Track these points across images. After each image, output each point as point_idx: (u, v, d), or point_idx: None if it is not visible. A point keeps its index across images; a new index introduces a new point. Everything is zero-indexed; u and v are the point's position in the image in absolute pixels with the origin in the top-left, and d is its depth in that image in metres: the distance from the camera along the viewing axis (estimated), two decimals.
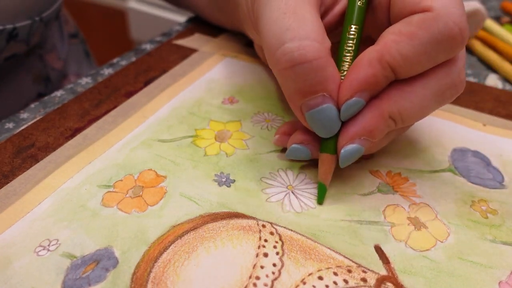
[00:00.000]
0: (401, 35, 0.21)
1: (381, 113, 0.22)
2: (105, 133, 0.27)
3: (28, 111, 0.30)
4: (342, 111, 0.22)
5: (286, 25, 0.21)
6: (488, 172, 0.26)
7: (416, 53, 0.20)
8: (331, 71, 0.21)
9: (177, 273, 0.20)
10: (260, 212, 0.23)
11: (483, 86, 0.34)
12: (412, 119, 0.22)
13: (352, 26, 0.23)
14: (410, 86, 0.22)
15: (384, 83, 0.21)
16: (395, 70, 0.21)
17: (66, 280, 0.19)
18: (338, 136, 0.23)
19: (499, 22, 0.44)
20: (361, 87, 0.21)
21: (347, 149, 0.22)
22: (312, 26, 0.21)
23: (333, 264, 0.21)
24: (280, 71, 0.21)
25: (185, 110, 0.29)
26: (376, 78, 0.21)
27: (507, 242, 0.22)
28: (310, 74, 0.21)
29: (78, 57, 0.49)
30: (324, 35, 0.21)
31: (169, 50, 0.36)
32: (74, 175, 0.24)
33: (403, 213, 0.23)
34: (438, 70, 0.22)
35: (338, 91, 0.22)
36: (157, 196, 0.23)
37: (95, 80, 0.33)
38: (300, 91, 0.21)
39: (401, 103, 0.22)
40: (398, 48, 0.20)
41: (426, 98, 0.22)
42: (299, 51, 0.20)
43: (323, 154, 0.23)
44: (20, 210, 0.22)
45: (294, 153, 0.24)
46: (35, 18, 0.34)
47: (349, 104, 0.21)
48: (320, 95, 0.21)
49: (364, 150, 0.22)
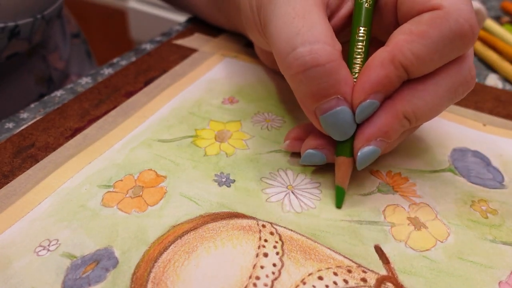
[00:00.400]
0: (412, 34, 0.21)
1: (396, 113, 0.22)
2: (105, 133, 0.27)
3: (28, 111, 0.30)
4: (357, 113, 0.22)
5: (296, 30, 0.21)
6: (488, 172, 0.26)
7: (429, 52, 0.20)
8: (343, 73, 0.21)
9: (177, 273, 0.20)
10: (260, 212, 0.23)
11: (483, 86, 0.34)
12: (426, 118, 0.22)
13: (360, 28, 0.23)
14: (422, 85, 0.22)
15: (397, 83, 0.21)
16: (408, 70, 0.21)
17: (66, 280, 0.19)
18: (353, 138, 0.22)
19: (499, 22, 0.44)
20: (375, 88, 0.21)
21: (364, 151, 0.22)
22: (322, 30, 0.21)
23: (333, 264, 0.21)
24: (292, 76, 0.21)
25: (185, 110, 0.30)
26: (390, 79, 0.21)
27: (507, 242, 0.22)
28: (323, 77, 0.21)
29: (80, 58, 0.49)
30: (334, 38, 0.21)
31: (169, 50, 0.36)
32: (74, 175, 0.24)
33: (403, 213, 0.23)
34: (450, 67, 0.22)
35: (351, 94, 0.22)
36: (157, 196, 0.23)
37: (95, 80, 0.33)
38: (314, 95, 0.21)
39: (415, 102, 0.22)
40: (410, 47, 0.20)
41: (439, 96, 0.22)
42: (311, 55, 0.20)
43: (339, 158, 0.23)
44: (20, 210, 0.22)
45: (309, 159, 0.24)
46: (37, 16, 0.34)
47: (364, 106, 0.21)
48: (334, 98, 0.21)
49: (380, 151, 0.22)
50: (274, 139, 0.27)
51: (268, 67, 0.34)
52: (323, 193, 0.24)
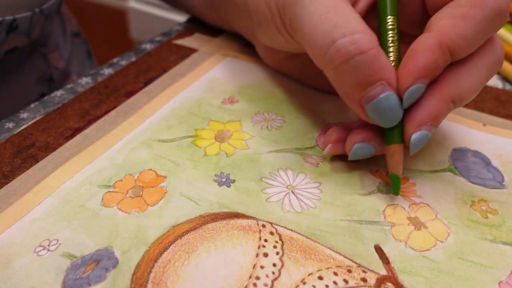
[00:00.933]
0: (455, 17, 0.21)
1: (444, 97, 0.22)
2: (105, 133, 0.27)
3: (28, 111, 0.30)
4: (405, 98, 0.22)
5: (332, 23, 0.22)
6: (488, 172, 0.26)
7: (474, 32, 0.21)
8: (385, 60, 0.22)
9: (177, 273, 0.20)
10: (260, 212, 0.23)
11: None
12: (469, 99, 0.23)
13: (389, 16, 0.24)
14: (465, 67, 0.22)
15: (443, 67, 0.22)
16: (454, 53, 0.22)
17: (66, 280, 0.19)
18: (401, 125, 0.23)
19: None
20: (422, 73, 0.22)
21: (417, 136, 0.22)
22: (357, 20, 0.22)
23: (333, 264, 0.21)
24: (335, 67, 0.22)
25: (185, 110, 0.30)
26: (437, 64, 0.22)
27: (507, 242, 0.22)
28: (367, 64, 0.21)
29: (80, 57, 0.49)
30: (368, 27, 0.22)
31: (169, 50, 0.36)
32: (74, 175, 0.24)
33: (403, 213, 0.23)
34: (486, 47, 0.23)
35: (395, 79, 0.22)
36: (157, 196, 0.23)
37: (95, 80, 0.33)
38: (359, 84, 0.22)
39: (460, 84, 0.22)
40: (456, 31, 0.21)
41: (480, 76, 0.23)
42: (354, 44, 0.21)
43: (391, 146, 0.23)
44: (20, 210, 0.22)
45: (359, 152, 0.24)
46: (35, 10, 0.34)
47: (412, 90, 0.22)
48: (379, 84, 0.22)
49: (430, 135, 0.23)
50: (274, 139, 0.27)
51: (270, 66, 0.34)
52: (323, 193, 0.24)
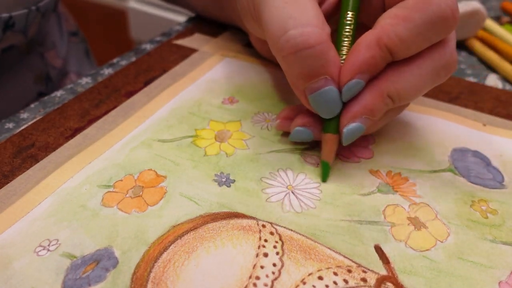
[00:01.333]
0: (397, 18, 0.22)
1: (380, 92, 0.23)
2: (105, 133, 0.27)
3: (28, 111, 0.30)
4: (343, 92, 0.23)
5: (288, 14, 0.22)
6: (488, 172, 0.26)
7: (412, 35, 0.22)
8: (332, 55, 0.22)
9: (177, 273, 0.20)
10: (260, 212, 0.23)
11: (483, 86, 0.34)
12: (408, 98, 0.24)
13: (348, 12, 0.24)
14: (406, 67, 0.23)
15: (382, 64, 0.23)
16: (392, 52, 0.22)
17: (66, 280, 0.19)
18: (340, 116, 0.24)
19: (499, 22, 0.44)
20: (361, 69, 0.22)
21: (349, 128, 0.23)
22: (313, 14, 0.22)
23: (333, 264, 0.21)
24: (284, 57, 0.23)
25: (185, 110, 0.30)
26: (375, 60, 0.22)
27: (507, 242, 0.22)
28: (313, 58, 0.22)
29: (78, 56, 0.49)
30: (324, 21, 0.23)
31: (169, 50, 0.36)
32: (74, 175, 0.24)
33: (403, 213, 0.23)
34: (433, 50, 0.23)
35: (338, 74, 0.23)
36: (157, 196, 0.23)
37: (95, 80, 0.33)
38: (304, 75, 0.23)
39: (398, 82, 0.23)
40: (395, 30, 0.22)
41: (422, 78, 0.23)
42: (302, 37, 0.22)
43: (326, 134, 0.24)
44: (20, 210, 0.22)
45: (298, 135, 0.25)
46: (31, 8, 0.34)
47: (350, 85, 0.23)
48: (323, 78, 0.22)
49: (365, 128, 0.23)
50: (274, 139, 0.27)
51: (268, 66, 0.34)
52: (323, 193, 0.24)
